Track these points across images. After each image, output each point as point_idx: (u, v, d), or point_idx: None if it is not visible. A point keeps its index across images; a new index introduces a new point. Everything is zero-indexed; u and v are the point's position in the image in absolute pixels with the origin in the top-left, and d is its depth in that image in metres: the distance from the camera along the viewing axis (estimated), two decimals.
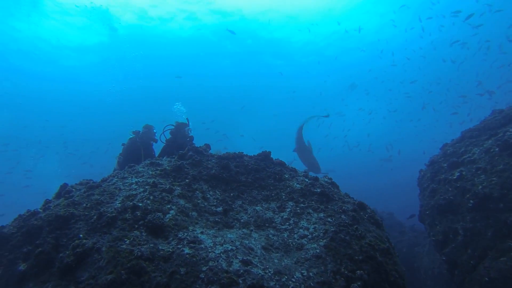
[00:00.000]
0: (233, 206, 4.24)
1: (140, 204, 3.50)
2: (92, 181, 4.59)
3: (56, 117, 36.65)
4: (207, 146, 5.83)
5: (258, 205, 4.37)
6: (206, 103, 40.29)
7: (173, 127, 7.35)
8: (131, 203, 3.49)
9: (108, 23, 25.96)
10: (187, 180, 4.24)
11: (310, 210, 4.20)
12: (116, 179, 4.31)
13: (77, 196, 3.78)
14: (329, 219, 3.92)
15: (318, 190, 4.53)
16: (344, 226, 3.73)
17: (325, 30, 29.66)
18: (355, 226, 3.73)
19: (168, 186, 3.92)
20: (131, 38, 28.33)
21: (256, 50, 32.74)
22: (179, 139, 7.05)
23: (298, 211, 4.20)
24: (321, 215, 4.07)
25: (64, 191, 3.98)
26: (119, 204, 3.49)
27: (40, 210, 3.51)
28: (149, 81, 34.74)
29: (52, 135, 35.91)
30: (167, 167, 4.54)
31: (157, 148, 7.69)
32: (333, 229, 3.67)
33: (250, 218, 4.08)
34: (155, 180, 4.08)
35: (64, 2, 23.00)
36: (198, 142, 7.73)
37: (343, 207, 4.13)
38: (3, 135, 33.60)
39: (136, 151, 7.29)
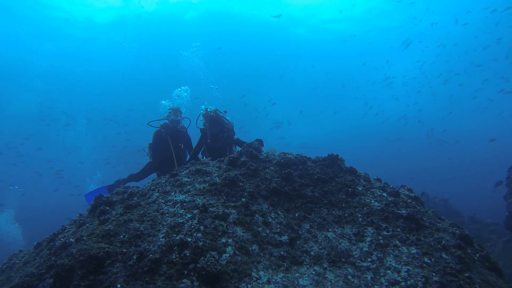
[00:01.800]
0: (300, 232, 3.45)
1: (189, 239, 2.80)
2: (130, 190, 3.98)
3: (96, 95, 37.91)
4: (260, 143, 5.00)
5: (330, 229, 3.54)
6: (242, 74, 39.19)
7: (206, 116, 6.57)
8: (177, 238, 2.80)
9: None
10: (243, 200, 3.47)
11: (397, 242, 3.31)
12: (157, 194, 3.64)
13: (113, 220, 3.15)
14: (426, 259, 3.02)
15: (404, 212, 3.60)
16: (451, 274, 2.82)
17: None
18: (466, 275, 2.81)
19: (221, 211, 3.18)
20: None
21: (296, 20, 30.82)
22: (216, 133, 6.33)
23: (382, 242, 3.33)
24: (413, 250, 3.17)
25: (99, 211, 3.39)
26: (163, 240, 2.81)
27: (72, 241, 2.93)
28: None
29: (94, 112, 37.27)
30: (217, 179, 3.79)
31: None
32: (437, 279, 2.78)
33: (322, 250, 3.28)
34: (205, 201, 3.35)
35: None
36: (237, 118, 6.97)
37: (442, 241, 3.19)
38: (42, 110, 35.22)
39: (163, 142, 6.63)
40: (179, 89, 9.44)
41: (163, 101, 9.38)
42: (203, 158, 6.80)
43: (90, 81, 36.36)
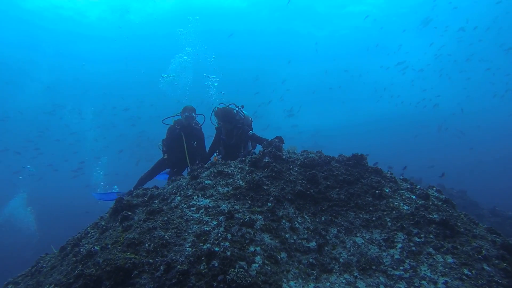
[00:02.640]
0: (328, 237, 3.33)
1: (217, 249, 2.72)
2: (150, 193, 3.91)
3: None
4: (280, 141, 4.86)
5: (358, 234, 3.41)
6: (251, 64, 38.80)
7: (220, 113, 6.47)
8: (205, 248, 2.72)
9: None
10: (269, 204, 3.36)
11: (431, 249, 3.16)
12: (179, 199, 3.56)
13: (137, 227, 3.09)
14: (465, 271, 2.87)
15: (436, 217, 3.43)
16: None
17: None
18: None
19: (247, 217, 3.08)
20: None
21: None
22: (230, 129, 6.27)
23: (414, 249, 3.18)
24: (450, 260, 3.02)
25: (121, 217, 3.33)
26: (190, 249, 2.74)
27: (97, 249, 2.89)
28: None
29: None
30: (240, 182, 3.69)
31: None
32: None
33: (351, 257, 3.16)
34: (230, 206, 3.25)
35: None
36: (249, 106, 6.88)
37: (482, 251, 3.03)
38: (54, 103, 35.72)
39: (176, 139, 6.58)
40: (180, 54, 9.33)
41: (164, 75, 9.35)
42: (214, 154, 6.73)
43: (99, 74, 36.70)
